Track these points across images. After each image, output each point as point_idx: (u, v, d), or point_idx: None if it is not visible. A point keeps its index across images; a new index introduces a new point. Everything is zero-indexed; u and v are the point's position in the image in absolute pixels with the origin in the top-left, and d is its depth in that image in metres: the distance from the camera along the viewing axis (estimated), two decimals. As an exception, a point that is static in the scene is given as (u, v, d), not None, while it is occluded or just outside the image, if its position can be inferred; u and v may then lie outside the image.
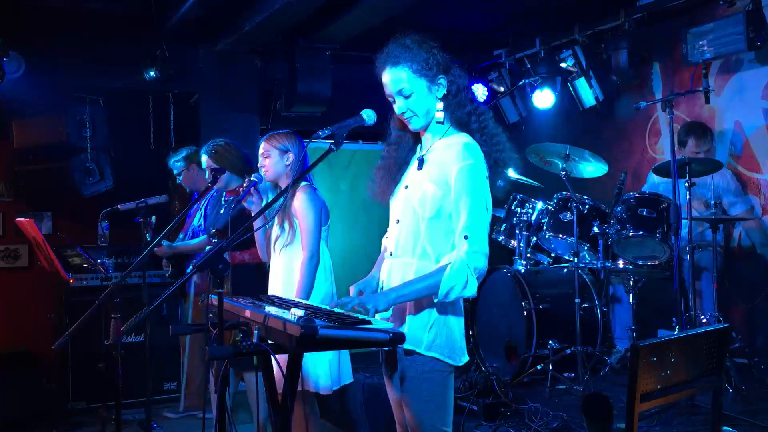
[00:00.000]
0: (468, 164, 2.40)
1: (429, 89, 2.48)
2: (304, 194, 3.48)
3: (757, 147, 5.31)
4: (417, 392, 2.44)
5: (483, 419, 4.18)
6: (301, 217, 3.45)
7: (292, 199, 3.47)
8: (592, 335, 5.17)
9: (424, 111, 2.49)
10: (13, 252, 6.41)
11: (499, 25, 6.44)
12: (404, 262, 2.50)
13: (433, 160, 2.50)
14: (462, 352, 2.49)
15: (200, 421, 5.14)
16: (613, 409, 3.39)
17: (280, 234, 3.49)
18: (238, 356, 2.24)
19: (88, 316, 3.55)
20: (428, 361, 2.42)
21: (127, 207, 4.35)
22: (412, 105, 2.48)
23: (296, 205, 3.46)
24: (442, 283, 2.33)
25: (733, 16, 5.04)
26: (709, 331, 2.53)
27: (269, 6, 5.26)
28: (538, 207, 5.38)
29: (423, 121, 2.51)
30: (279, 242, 3.49)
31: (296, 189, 3.49)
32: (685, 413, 4.04)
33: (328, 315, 2.24)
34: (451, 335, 2.45)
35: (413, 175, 2.56)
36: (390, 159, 2.64)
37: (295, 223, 3.46)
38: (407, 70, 2.45)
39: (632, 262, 5.02)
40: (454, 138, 2.50)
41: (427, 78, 2.46)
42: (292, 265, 3.47)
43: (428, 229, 2.45)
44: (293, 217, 3.45)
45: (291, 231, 3.45)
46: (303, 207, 3.46)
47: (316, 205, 3.48)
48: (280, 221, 3.49)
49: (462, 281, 2.33)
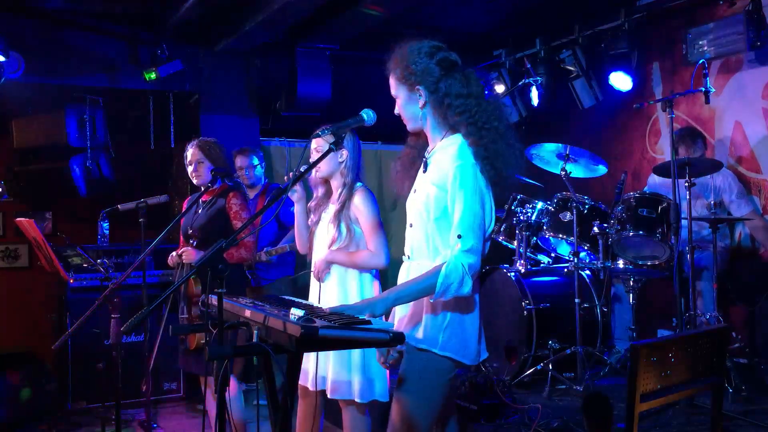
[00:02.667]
0: (459, 164, 2.44)
1: (409, 96, 2.55)
2: (365, 195, 3.41)
3: (756, 147, 5.31)
4: (415, 388, 2.48)
5: (483, 419, 4.19)
6: (365, 217, 3.37)
7: (350, 201, 3.39)
8: (592, 335, 5.17)
9: (409, 116, 2.59)
10: (13, 252, 6.41)
11: (499, 25, 6.43)
12: (420, 265, 2.54)
13: (434, 163, 2.55)
14: (476, 352, 2.54)
15: (200, 421, 5.15)
16: (613, 409, 3.39)
17: (336, 235, 3.38)
18: (238, 356, 2.24)
19: (88, 316, 3.56)
20: (439, 359, 2.47)
21: (127, 207, 4.33)
22: (402, 108, 2.59)
23: (359, 209, 3.38)
24: (438, 283, 2.36)
25: (733, 16, 5.05)
26: (709, 331, 2.53)
27: (269, 6, 5.26)
28: (538, 207, 5.38)
29: (412, 124, 2.61)
30: (335, 243, 3.40)
31: (355, 192, 3.41)
32: (685, 413, 4.04)
33: (328, 315, 2.24)
34: (464, 335, 2.50)
35: (420, 177, 2.62)
36: (405, 159, 2.74)
37: (352, 226, 3.38)
38: (393, 75, 2.56)
39: (632, 262, 5.03)
40: (450, 140, 2.55)
41: (406, 86, 2.54)
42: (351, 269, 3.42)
43: (436, 230, 2.49)
44: (351, 222, 3.38)
45: (349, 234, 3.37)
46: (366, 207, 3.38)
47: (376, 204, 3.44)
48: (335, 223, 3.39)
49: (457, 280, 2.37)
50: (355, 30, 5.92)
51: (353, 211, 3.39)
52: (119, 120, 6.27)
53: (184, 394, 5.75)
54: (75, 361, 5.41)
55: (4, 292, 6.27)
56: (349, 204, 3.39)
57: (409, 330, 2.53)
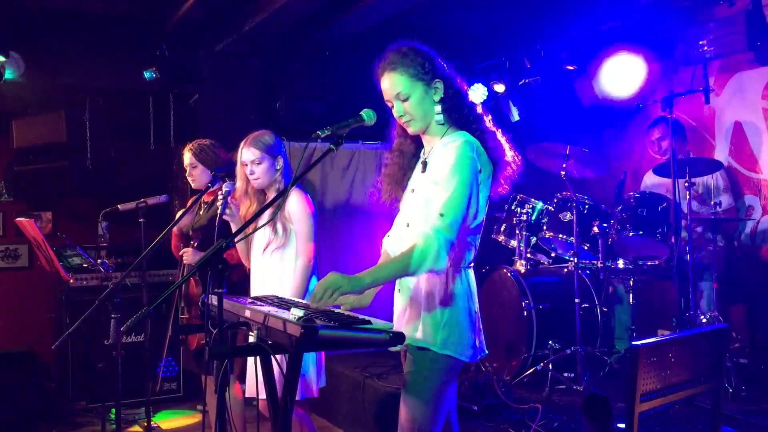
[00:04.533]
0: (458, 152, 2.46)
1: (426, 92, 2.54)
2: (300, 198, 3.45)
3: (756, 147, 5.31)
4: (420, 388, 2.48)
5: (483, 419, 4.19)
6: (299, 221, 3.42)
7: (286, 203, 3.43)
8: (592, 335, 5.17)
9: (422, 114, 2.56)
10: (13, 252, 6.41)
11: (499, 25, 6.43)
12: None
13: (436, 161, 2.55)
14: (475, 349, 2.55)
15: (200, 421, 5.15)
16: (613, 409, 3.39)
17: (272, 236, 3.43)
18: (239, 356, 2.24)
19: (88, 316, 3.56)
20: (439, 357, 2.47)
21: (127, 207, 4.33)
22: (410, 108, 2.55)
23: (293, 210, 3.43)
24: (413, 257, 2.36)
25: (733, 16, 5.04)
26: (709, 331, 2.53)
27: (269, 6, 5.26)
28: (538, 207, 5.37)
29: (420, 124, 2.58)
30: (271, 244, 3.44)
31: (289, 192, 3.45)
32: (685, 413, 4.04)
33: (328, 315, 2.24)
34: (462, 332, 2.51)
35: (418, 177, 2.62)
36: (394, 166, 2.71)
37: (289, 227, 3.43)
38: (404, 74, 2.53)
39: (632, 262, 5.03)
40: (454, 136, 2.56)
41: (423, 82, 2.53)
42: (285, 267, 3.44)
43: None
44: (286, 221, 3.43)
45: (285, 234, 3.42)
46: (300, 212, 3.43)
47: (313, 210, 3.48)
48: (272, 224, 3.43)
49: (432, 254, 2.36)
50: (355, 30, 5.92)
51: (287, 213, 3.42)
52: (119, 120, 6.26)
53: (184, 394, 5.76)
54: (75, 361, 5.41)
55: (4, 292, 6.27)
56: (284, 206, 3.43)
57: (408, 330, 2.53)
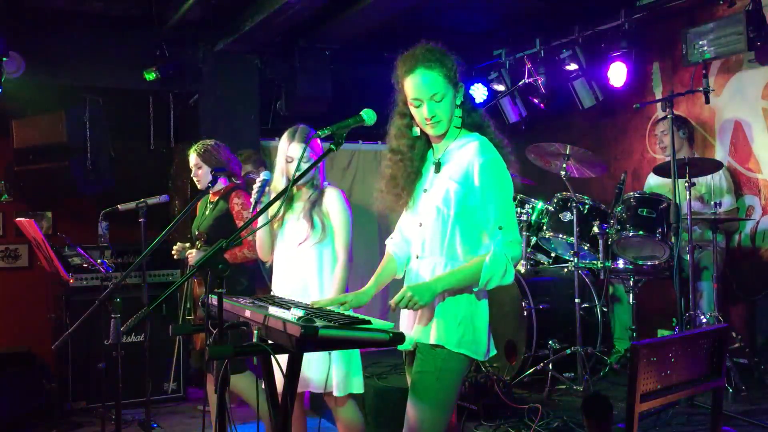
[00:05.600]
0: (490, 158, 2.49)
1: (454, 96, 2.55)
2: (338, 196, 3.47)
3: (756, 147, 5.31)
4: (433, 387, 2.47)
5: (483, 419, 4.19)
6: (337, 218, 3.44)
7: (323, 198, 3.45)
8: (592, 335, 5.17)
9: (449, 116, 2.55)
10: (13, 252, 6.41)
11: (499, 25, 6.43)
12: (433, 262, 2.55)
13: (451, 161, 2.56)
14: (486, 348, 2.59)
15: (200, 421, 5.14)
16: (613, 409, 3.39)
17: (310, 231, 3.41)
18: (239, 356, 2.24)
19: (88, 316, 3.56)
20: (453, 356, 2.48)
21: (127, 207, 4.34)
22: (442, 109, 2.52)
23: (331, 206, 3.44)
24: (483, 272, 2.42)
25: (733, 16, 5.05)
26: (709, 331, 2.53)
27: (269, 6, 5.26)
28: (538, 207, 5.38)
29: (446, 126, 2.56)
30: (309, 239, 3.42)
31: (326, 189, 3.47)
32: (685, 413, 4.04)
33: (328, 315, 2.24)
34: (477, 331, 2.54)
35: (431, 178, 2.60)
36: (398, 169, 2.64)
37: (326, 222, 3.44)
38: (441, 75, 2.49)
39: (632, 262, 5.03)
40: (469, 138, 2.57)
41: (453, 85, 2.53)
42: (325, 262, 3.44)
43: (455, 226, 2.51)
44: (324, 216, 3.43)
45: (323, 229, 3.42)
46: (339, 209, 3.45)
47: (350, 207, 3.50)
48: (308, 219, 3.42)
49: (501, 270, 2.42)
50: (355, 30, 5.92)
51: (324, 209, 3.44)
52: (119, 120, 6.26)
53: (184, 394, 5.75)
54: (75, 361, 5.40)
55: (4, 292, 6.26)
56: (321, 201, 3.44)
57: (420, 328, 2.53)
